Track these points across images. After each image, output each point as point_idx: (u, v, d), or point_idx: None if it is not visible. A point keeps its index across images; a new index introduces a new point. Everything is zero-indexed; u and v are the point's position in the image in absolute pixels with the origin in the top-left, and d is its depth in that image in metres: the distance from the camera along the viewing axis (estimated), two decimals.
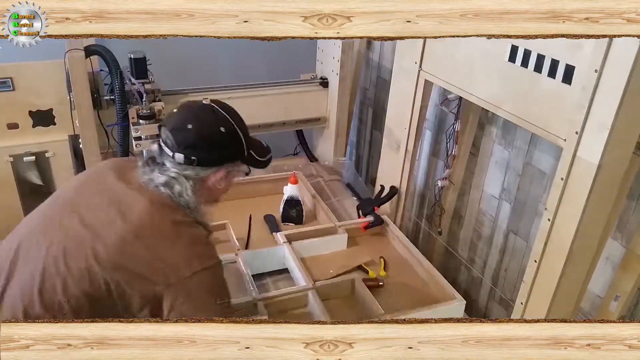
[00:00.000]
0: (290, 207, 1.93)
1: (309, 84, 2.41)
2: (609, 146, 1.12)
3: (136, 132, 1.97)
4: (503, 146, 1.75)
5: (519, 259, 1.76)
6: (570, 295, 1.35)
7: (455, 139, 1.83)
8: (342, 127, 2.44)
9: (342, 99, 2.36)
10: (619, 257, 1.42)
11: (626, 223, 1.41)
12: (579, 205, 1.20)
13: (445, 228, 2.05)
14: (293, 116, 2.39)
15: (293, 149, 2.73)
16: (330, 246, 1.79)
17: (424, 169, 2.17)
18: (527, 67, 1.28)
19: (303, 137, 2.66)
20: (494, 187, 1.82)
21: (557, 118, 1.23)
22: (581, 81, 1.15)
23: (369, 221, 1.89)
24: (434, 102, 1.94)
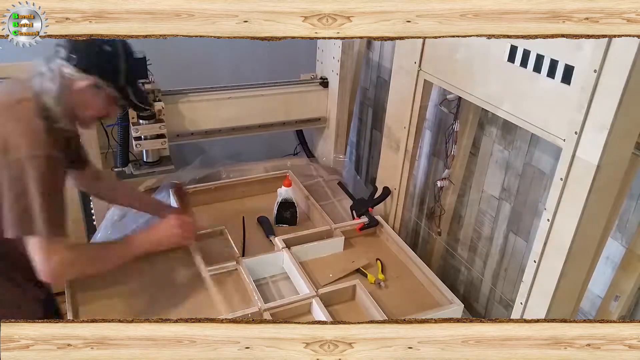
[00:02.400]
0: (285, 209, 1.94)
1: (309, 84, 2.41)
2: (608, 146, 1.12)
3: (136, 132, 1.97)
4: (503, 146, 1.75)
5: (519, 259, 1.76)
6: (570, 295, 1.35)
7: (454, 139, 1.83)
8: (342, 127, 2.44)
9: (342, 99, 2.36)
10: (619, 257, 1.43)
11: (626, 223, 1.41)
12: (579, 205, 1.20)
13: (445, 228, 2.05)
14: (293, 116, 2.39)
15: (293, 149, 2.73)
16: (327, 249, 1.79)
17: (423, 169, 2.17)
18: (526, 67, 1.28)
19: (303, 137, 2.66)
20: (494, 187, 1.82)
21: (556, 118, 1.23)
22: (580, 81, 1.15)
23: (364, 222, 1.89)
24: (433, 102, 1.94)
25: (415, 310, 1.55)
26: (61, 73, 1.25)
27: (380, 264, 1.75)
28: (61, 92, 1.25)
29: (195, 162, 2.33)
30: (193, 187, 2.05)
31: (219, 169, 2.32)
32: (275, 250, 1.73)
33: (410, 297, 1.63)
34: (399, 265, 1.77)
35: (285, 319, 1.48)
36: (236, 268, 1.65)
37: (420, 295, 1.65)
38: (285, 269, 1.72)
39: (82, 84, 1.26)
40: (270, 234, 1.84)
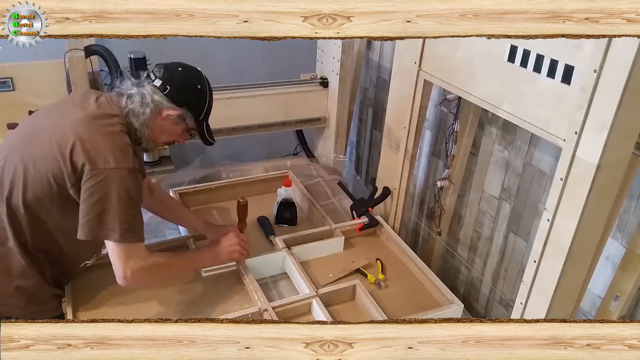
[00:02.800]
0: (285, 209, 1.94)
1: (309, 84, 2.41)
2: (608, 146, 1.12)
3: None
4: (503, 146, 1.75)
5: (519, 259, 1.76)
6: (570, 295, 1.35)
7: (454, 139, 1.83)
8: (342, 127, 2.44)
9: (342, 99, 2.36)
10: (619, 257, 1.42)
11: (626, 223, 1.41)
12: (579, 205, 1.20)
13: (445, 228, 2.05)
14: (293, 116, 2.39)
15: (293, 149, 2.73)
16: (327, 249, 1.79)
17: (423, 169, 2.17)
18: (526, 67, 1.28)
19: (303, 137, 2.67)
20: (494, 187, 1.82)
21: (556, 118, 1.23)
22: (580, 81, 1.15)
23: (364, 222, 1.89)
24: (433, 102, 1.94)
25: (415, 310, 1.55)
26: (153, 99, 1.37)
27: (380, 264, 1.75)
28: (150, 117, 1.37)
29: (195, 162, 2.33)
30: (193, 187, 2.05)
31: (219, 169, 2.33)
32: (275, 250, 1.73)
33: (410, 297, 1.63)
34: (399, 265, 1.77)
35: (285, 319, 1.48)
36: (236, 268, 1.65)
37: (420, 295, 1.65)
38: (285, 269, 1.72)
39: (170, 112, 1.39)
40: (270, 234, 1.83)
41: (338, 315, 1.54)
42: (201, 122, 1.45)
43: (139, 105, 1.36)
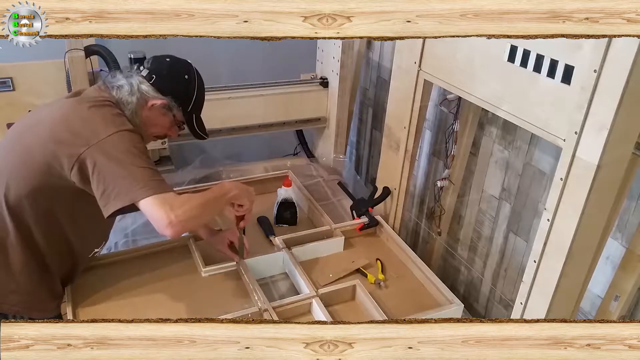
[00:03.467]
0: (285, 210, 1.93)
1: (309, 84, 2.41)
2: (608, 146, 1.12)
3: None
4: (503, 146, 1.75)
5: (519, 259, 1.76)
6: (570, 295, 1.35)
7: (454, 139, 1.83)
8: (342, 127, 2.44)
9: (342, 99, 2.36)
10: (619, 257, 1.42)
11: (626, 223, 1.41)
12: (579, 205, 1.20)
13: (445, 228, 2.05)
14: (293, 116, 2.39)
15: (293, 149, 2.73)
16: (327, 249, 1.79)
17: (423, 169, 2.17)
18: (526, 67, 1.28)
19: (303, 137, 2.66)
20: (494, 187, 1.82)
21: (556, 118, 1.23)
22: (580, 81, 1.15)
23: (364, 222, 1.89)
24: (433, 102, 1.94)
25: (415, 310, 1.55)
26: (139, 89, 1.38)
27: (380, 264, 1.75)
28: (137, 106, 1.38)
29: (195, 162, 2.33)
30: (193, 187, 2.05)
31: (219, 169, 2.33)
32: (275, 250, 1.73)
33: (410, 297, 1.63)
34: (398, 265, 1.77)
35: (285, 319, 1.48)
36: (236, 268, 1.65)
37: (420, 295, 1.64)
38: (285, 269, 1.72)
39: (156, 102, 1.39)
40: (270, 234, 1.83)
41: (338, 315, 1.54)
42: (190, 114, 1.45)
43: (127, 94, 1.37)
